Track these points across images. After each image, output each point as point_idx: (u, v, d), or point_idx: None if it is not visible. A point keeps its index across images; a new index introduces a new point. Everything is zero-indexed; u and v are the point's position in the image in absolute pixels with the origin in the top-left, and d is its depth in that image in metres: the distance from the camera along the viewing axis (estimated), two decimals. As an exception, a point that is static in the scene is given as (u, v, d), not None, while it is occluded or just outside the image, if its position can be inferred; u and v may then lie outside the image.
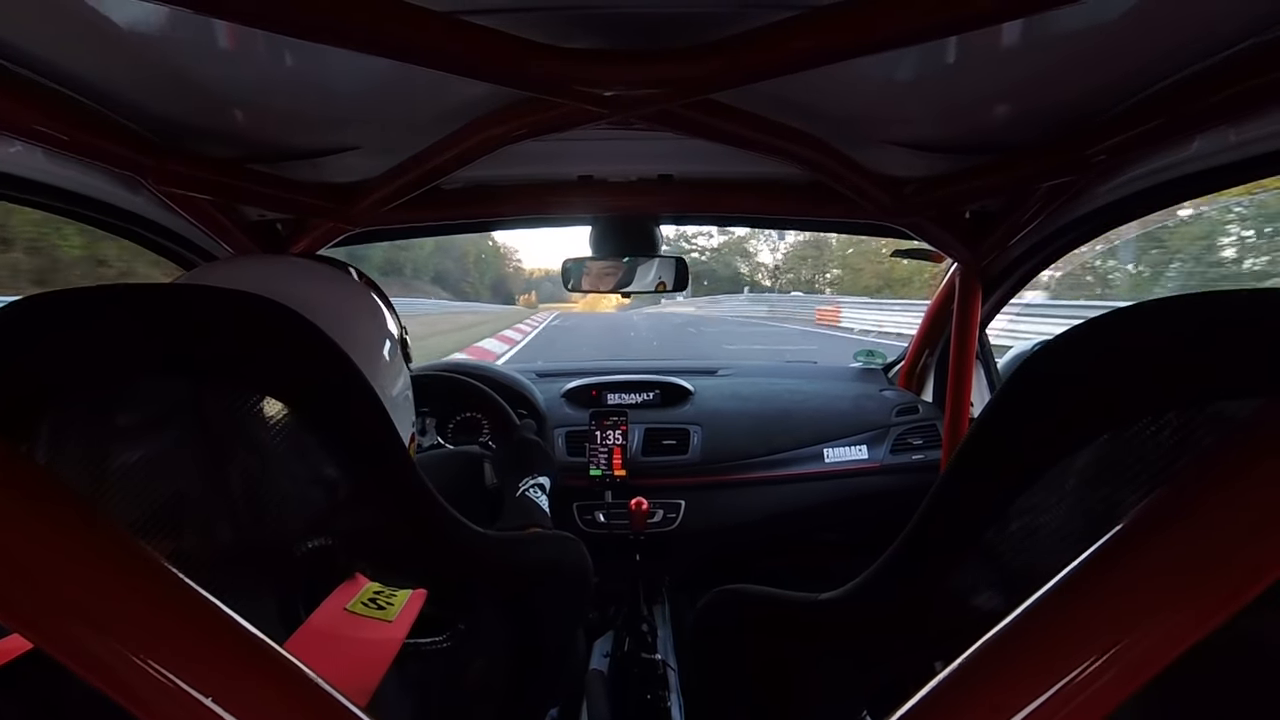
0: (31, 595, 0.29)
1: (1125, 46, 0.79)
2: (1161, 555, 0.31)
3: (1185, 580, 0.30)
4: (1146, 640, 0.29)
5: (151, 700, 0.29)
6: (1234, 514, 0.30)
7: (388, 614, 0.59)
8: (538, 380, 2.07)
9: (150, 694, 0.29)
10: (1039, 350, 0.51)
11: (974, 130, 1.12)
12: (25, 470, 0.30)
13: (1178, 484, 0.32)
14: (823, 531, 2.02)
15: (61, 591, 0.29)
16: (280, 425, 0.57)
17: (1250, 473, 0.31)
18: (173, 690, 0.28)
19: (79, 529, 0.31)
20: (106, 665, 0.29)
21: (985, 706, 0.30)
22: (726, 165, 1.37)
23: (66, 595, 0.29)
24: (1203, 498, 0.31)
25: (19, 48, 0.76)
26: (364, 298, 0.81)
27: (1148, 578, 0.30)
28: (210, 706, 0.28)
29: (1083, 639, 0.30)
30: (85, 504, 0.31)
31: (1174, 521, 0.31)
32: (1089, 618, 0.30)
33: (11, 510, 0.29)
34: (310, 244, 1.45)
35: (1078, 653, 0.29)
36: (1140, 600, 0.30)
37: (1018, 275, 1.66)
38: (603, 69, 0.77)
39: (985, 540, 0.53)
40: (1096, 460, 0.48)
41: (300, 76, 0.89)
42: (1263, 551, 0.29)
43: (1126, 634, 0.29)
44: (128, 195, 1.19)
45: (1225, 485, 0.31)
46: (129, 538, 0.31)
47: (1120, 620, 0.30)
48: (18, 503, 0.30)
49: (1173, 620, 0.29)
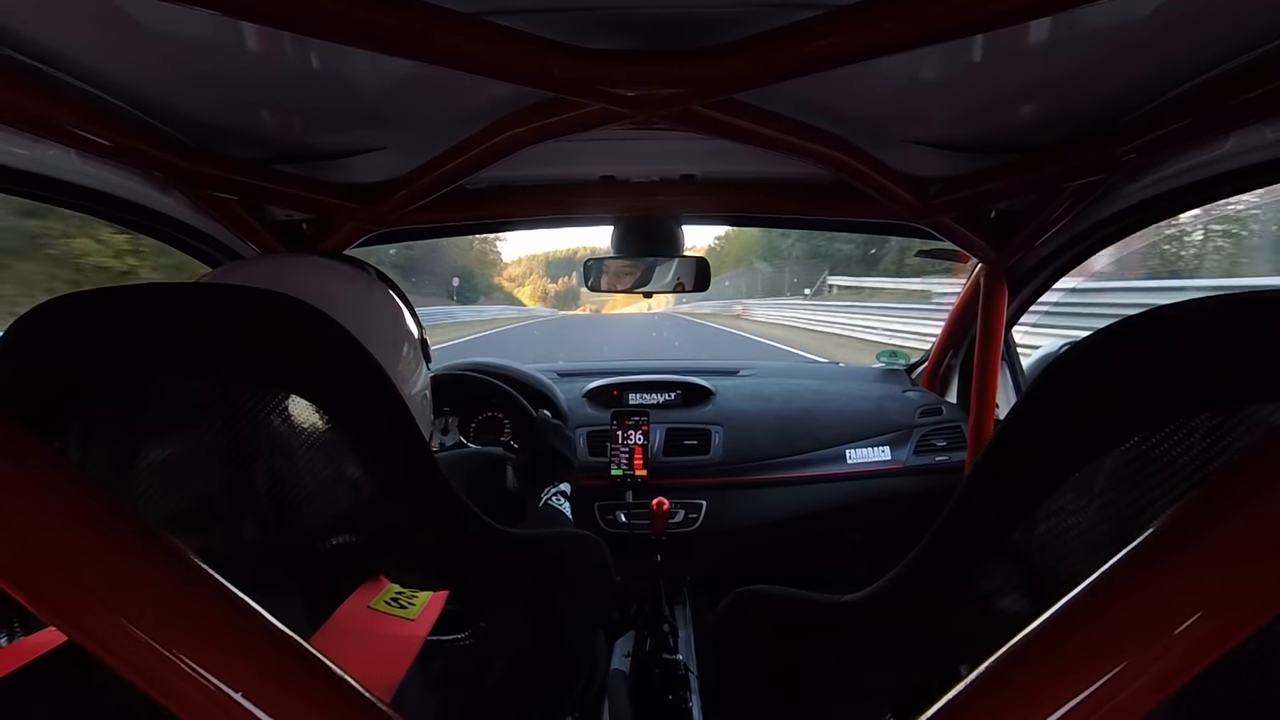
0: (65, 588, 0.29)
1: (1154, 43, 0.78)
2: (1194, 560, 0.30)
3: (1219, 585, 0.29)
4: (1179, 646, 0.28)
5: (181, 693, 0.29)
6: (1269, 518, 0.29)
7: (409, 613, 0.59)
8: (559, 380, 2.08)
9: (180, 687, 0.29)
10: (1066, 351, 0.50)
11: (999, 129, 1.10)
12: (59, 465, 0.31)
13: (1211, 487, 0.31)
14: (845, 533, 2.01)
15: (94, 585, 0.29)
16: (304, 422, 0.57)
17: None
18: (202, 684, 0.29)
19: (111, 524, 0.31)
20: (138, 658, 0.29)
21: (1012, 711, 0.30)
22: (748, 165, 1.36)
23: (99, 589, 0.30)
24: (1237, 501, 0.30)
25: (54, 50, 0.78)
26: (384, 297, 0.81)
27: (1180, 582, 0.30)
28: (239, 701, 0.29)
29: (1113, 644, 0.29)
30: (116, 499, 0.31)
31: (1208, 525, 0.31)
32: (1120, 622, 0.30)
33: (46, 504, 0.30)
34: (335, 243, 1.46)
35: (1108, 658, 0.29)
36: (1173, 605, 0.29)
37: (1044, 275, 1.64)
38: (625, 69, 0.77)
39: (1011, 542, 0.53)
40: (1126, 463, 0.48)
41: (325, 78, 0.90)
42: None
43: (1159, 639, 0.29)
44: (158, 196, 1.21)
45: (1260, 488, 0.30)
46: (160, 533, 0.32)
47: (1152, 625, 0.29)
48: (52, 497, 0.30)
49: (1207, 626, 0.28)
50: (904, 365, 2.33)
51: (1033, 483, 0.51)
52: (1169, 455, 0.46)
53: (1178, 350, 0.46)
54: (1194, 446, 0.45)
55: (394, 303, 0.83)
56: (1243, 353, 0.44)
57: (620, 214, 1.58)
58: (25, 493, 0.30)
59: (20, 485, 0.30)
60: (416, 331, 0.85)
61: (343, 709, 0.31)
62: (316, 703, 0.31)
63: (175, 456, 0.56)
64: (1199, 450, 0.45)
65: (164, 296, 0.54)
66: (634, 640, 1.75)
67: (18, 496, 0.30)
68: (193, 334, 0.54)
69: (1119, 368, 0.47)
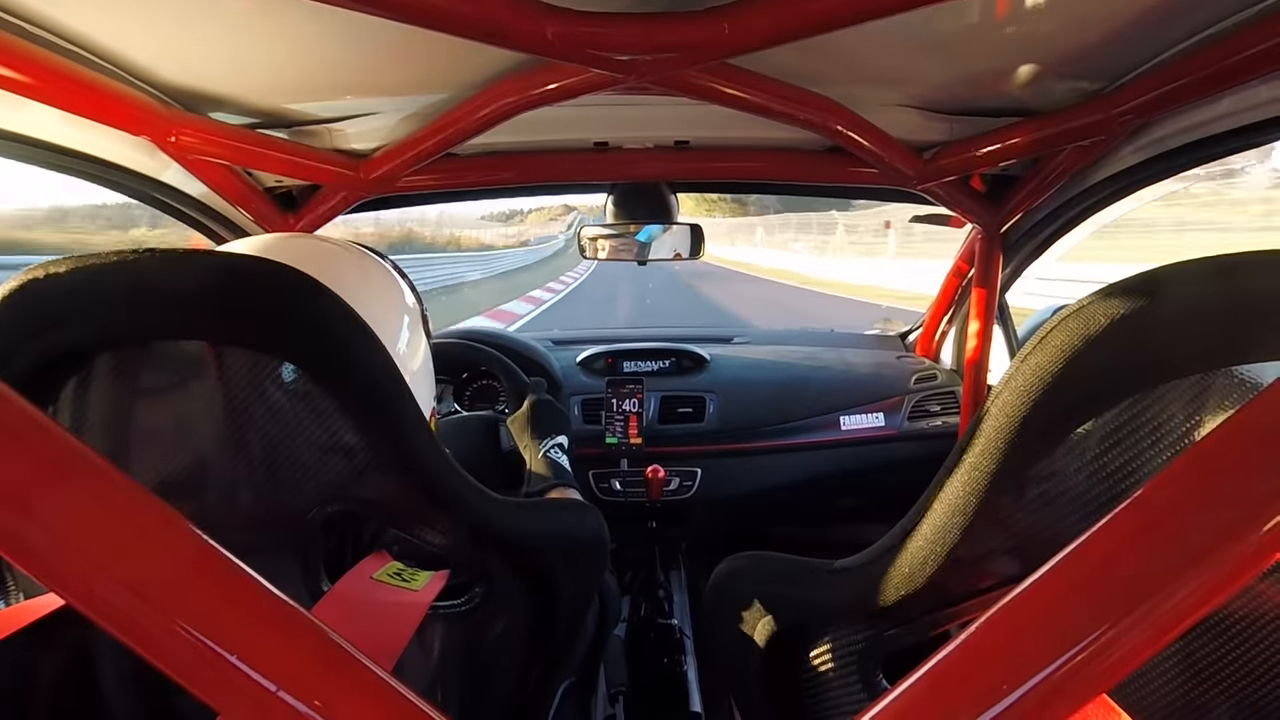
0: (61, 556, 0.29)
1: (1150, 3, 0.77)
2: (1181, 520, 0.30)
3: (1208, 542, 0.29)
4: (1165, 605, 0.29)
5: (177, 656, 0.29)
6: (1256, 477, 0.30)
7: (414, 584, 0.60)
8: (553, 348, 2.08)
9: (179, 652, 0.29)
10: (1058, 314, 0.50)
11: (995, 92, 1.09)
12: (52, 433, 0.31)
13: (1200, 448, 0.32)
14: (840, 499, 2.03)
15: (91, 552, 0.30)
16: (299, 391, 0.57)
17: (1274, 436, 0.30)
18: (197, 647, 0.29)
19: (105, 489, 0.31)
20: (134, 623, 0.29)
21: (1001, 670, 0.30)
22: (743, 131, 1.35)
23: (96, 556, 0.30)
24: (1226, 461, 0.31)
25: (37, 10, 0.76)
26: (381, 270, 0.81)
27: (1167, 542, 0.30)
28: (237, 664, 0.29)
29: (1100, 604, 0.30)
30: (111, 466, 0.31)
31: (1197, 485, 0.31)
32: (1107, 583, 0.30)
33: (40, 471, 0.30)
34: (326, 211, 1.45)
35: (1094, 618, 0.29)
36: (1160, 566, 0.30)
37: (1039, 239, 1.63)
38: (619, 33, 0.75)
39: (1002, 506, 0.53)
40: (1118, 426, 0.48)
41: (313, 41, 0.88)
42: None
43: (1146, 599, 0.29)
44: (147, 161, 1.20)
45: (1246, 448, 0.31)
46: (154, 499, 0.32)
47: (1139, 586, 0.29)
48: (45, 465, 0.30)
49: (1193, 584, 0.29)
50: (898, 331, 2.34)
51: (1024, 447, 0.51)
52: (1160, 418, 0.46)
53: (1170, 311, 0.46)
54: (1185, 409, 0.45)
55: (391, 276, 0.82)
56: (1234, 314, 0.44)
57: (615, 181, 1.57)
58: (19, 459, 0.30)
59: (13, 452, 0.30)
60: (416, 304, 0.85)
61: (341, 674, 0.32)
62: (315, 668, 0.31)
63: (169, 422, 0.57)
64: (1190, 412, 0.45)
65: (156, 263, 0.53)
66: (629, 605, 1.78)
67: (12, 463, 0.29)
68: (185, 300, 0.54)
69: (1110, 330, 0.47)
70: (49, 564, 0.29)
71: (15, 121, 0.98)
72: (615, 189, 1.60)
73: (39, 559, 0.29)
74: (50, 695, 0.55)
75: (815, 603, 0.70)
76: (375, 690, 0.32)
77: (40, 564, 0.29)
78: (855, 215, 21.83)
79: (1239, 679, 0.45)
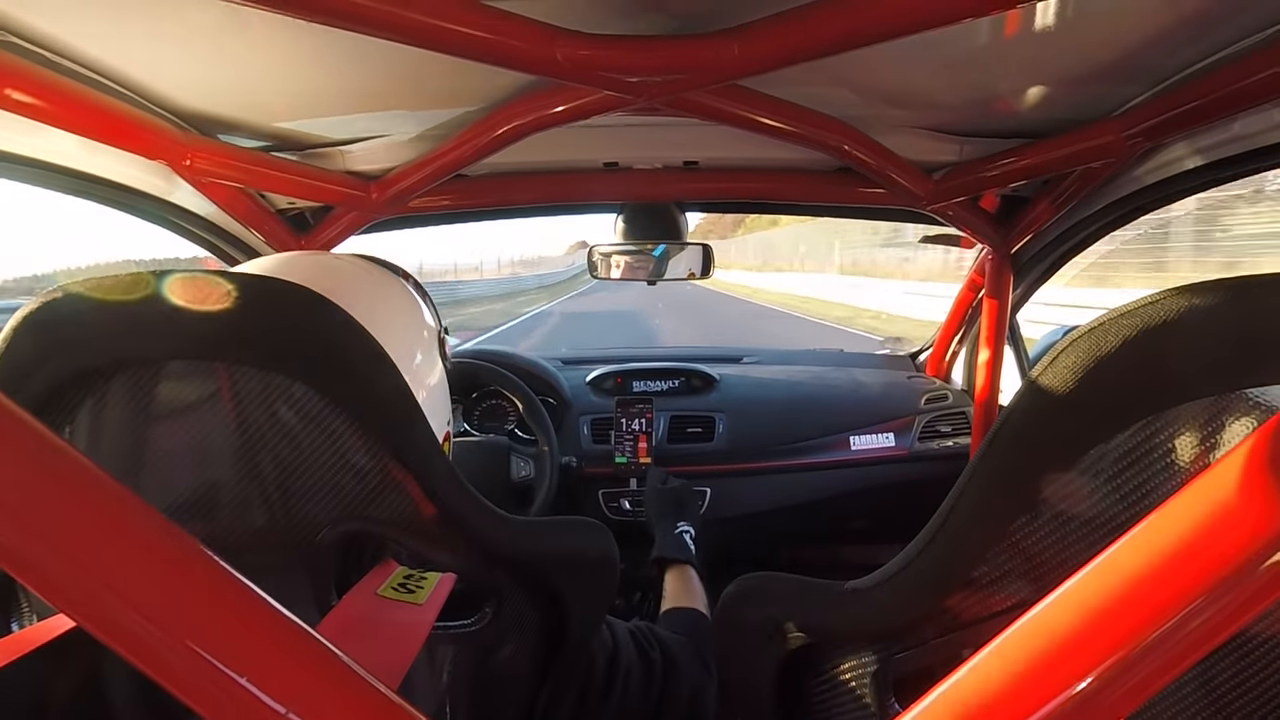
0: (72, 578, 0.29)
1: (1160, 26, 0.77)
2: (1198, 543, 0.30)
3: (1228, 565, 0.29)
4: (1183, 629, 0.29)
5: (190, 680, 0.29)
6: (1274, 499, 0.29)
7: (417, 597, 0.60)
8: (563, 368, 2.08)
9: (189, 674, 0.29)
10: (1071, 335, 0.50)
11: (1005, 114, 1.09)
12: (65, 454, 0.31)
13: (1217, 470, 0.31)
14: (850, 519, 2.01)
15: (101, 575, 0.30)
16: (311, 411, 0.58)
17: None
18: (210, 670, 0.29)
19: (118, 511, 0.31)
20: (144, 645, 0.29)
21: (1014, 694, 0.30)
22: (753, 152, 1.35)
23: (106, 579, 0.30)
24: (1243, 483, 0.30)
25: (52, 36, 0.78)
26: (397, 289, 0.81)
27: (1187, 564, 0.30)
28: (247, 686, 0.29)
29: (1116, 628, 0.29)
30: (123, 486, 0.31)
31: (1215, 507, 0.30)
32: (1123, 606, 0.30)
33: (53, 492, 0.30)
34: (338, 232, 1.46)
35: (1110, 642, 0.29)
36: (1177, 589, 0.29)
37: (1050, 260, 1.63)
38: (629, 55, 0.76)
39: (1015, 528, 0.53)
40: (1132, 448, 0.47)
41: (326, 64, 0.89)
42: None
43: (1162, 623, 0.29)
44: (162, 185, 1.22)
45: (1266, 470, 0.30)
46: (166, 522, 0.32)
47: (1156, 609, 0.29)
48: (59, 484, 0.30)
49: (1212, 608, 0.29)
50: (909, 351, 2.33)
51: (1038, 468, 0.51)
52: (1175, 440, 0.46)
53: (1183, 333, 0.46)
54: (1200, 431, 0.45)
55: (409, 294, 0.82)
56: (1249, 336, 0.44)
57: (624, 201, 1.58)
58: (32, 481, 0.30)
59: (26, 474, 0.30)
60: (434, 325, 0.85)
61: (348, 695, 0.32)
62: (323, 689, 0.31)
63: (182, 443, 0.57)
64: (1205, 435, 0.45)
65: (170, 284, 0.54)
66: None
67: (25, 485, 0.30)
68: (199, 321, 0.54)
69: (1123, 350, 0.47)
70: (60, 586, 0.29)
71: (35, 147, 1.00)
72: (625, 209, 1.60)
73: (50, 581, 0.29)
74: (63, 717, 0.55)
75: (826, 624, 0.69)
76: (385, 712, 0.32)
77: (51, 586, 0.29)
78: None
79: (1261, 703, 0.44)
